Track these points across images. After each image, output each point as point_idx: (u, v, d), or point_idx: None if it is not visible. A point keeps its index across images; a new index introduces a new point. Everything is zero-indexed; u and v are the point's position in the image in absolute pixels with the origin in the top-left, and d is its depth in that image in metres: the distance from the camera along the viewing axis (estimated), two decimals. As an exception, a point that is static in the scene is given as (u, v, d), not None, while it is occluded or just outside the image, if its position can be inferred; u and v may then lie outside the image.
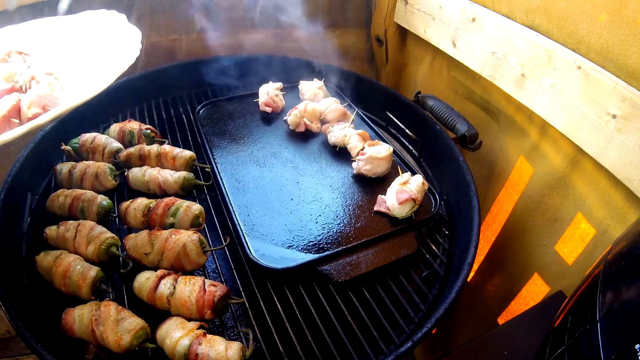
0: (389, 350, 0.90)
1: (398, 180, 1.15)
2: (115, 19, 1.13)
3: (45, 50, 1.13)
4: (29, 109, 0.86)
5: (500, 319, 1.60)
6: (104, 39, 1.08)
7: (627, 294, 0.58)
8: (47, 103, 0.88)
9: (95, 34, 1.11)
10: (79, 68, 1.04)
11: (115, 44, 1.04)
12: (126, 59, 0.92)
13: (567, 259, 1.29)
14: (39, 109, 0.86)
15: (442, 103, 1.47)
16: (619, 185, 1.09)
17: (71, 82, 1.02)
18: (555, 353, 0.65)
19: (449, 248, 1.17)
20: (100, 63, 0.98)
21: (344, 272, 0.99)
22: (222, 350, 0.81)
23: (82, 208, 1.10)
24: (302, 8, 1.93)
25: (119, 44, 1.02)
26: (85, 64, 1.04)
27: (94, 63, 1.01)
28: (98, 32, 1.11)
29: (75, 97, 0.82)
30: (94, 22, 1.14)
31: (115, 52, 0.99)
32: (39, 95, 0.88)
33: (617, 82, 1.03)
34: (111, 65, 0.92)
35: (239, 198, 1.18)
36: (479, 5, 1.43)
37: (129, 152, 1.30)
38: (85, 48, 1.09)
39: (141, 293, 0.95)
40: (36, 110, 0.86)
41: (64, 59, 1.09)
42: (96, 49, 1.07)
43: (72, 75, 1.03)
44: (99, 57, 1.02)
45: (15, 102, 0.87)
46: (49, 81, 0.97)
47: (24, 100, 0.87)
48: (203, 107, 1.54)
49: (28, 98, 0.87)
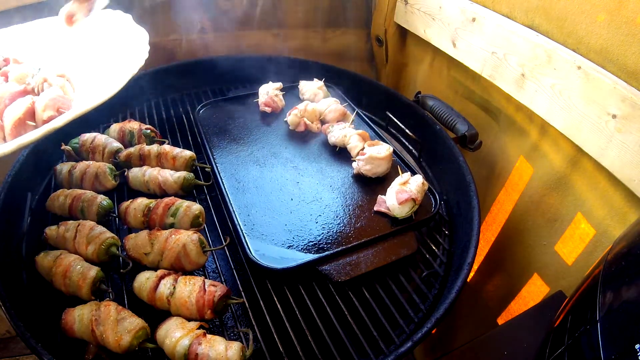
0: (389, 350, 0.90)
1: (398, 180, 1.15)
2: (121, 19, 1.13)
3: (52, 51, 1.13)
4: (43, 112, 0.86)
5: (500, 319, 1.60)
6: (111, 40, 1.08)
7: (627, 294, 0.58)
8: (61, 105, 0.88)
9: (103, 34, 1.11)
10: (89, 69, 1.04)
11: (123, 44, 1.03)
12: (136, 61, 0.93)
13: (566, 259, 1.29)
14: (53, 112, 0.86)
15: (442, 103, 1.47)
16: (619, 185, 1.09)
17: (82, 83, 1.02)
18: (555, 353, 0.65)
19: (449, 248, 1.17)
20: (110, 65, 0.98)
21: (344, 272, 0.99)
22: (222, 350, 0.81)
23: (82, 208, 1.11)
24: (302, 8, 1.93)
25: (128, 45, 1.02)
26: (95, 65, 1.04)
27: (104, 64, 1.01)
28: (105, 32, 1.11)
29: (89, 100, 0.82)
30: (100, 22, 1.14)
31: (124, 54, 0.99)
32: (52, 98, 0.88)
33: (617, 82, 1.03)
34: (122, 67, 0.92)
35: (239, 198, 1.18)
36: (479, 5, 1.43)
37: (129, 152, 1.30)
38: (93, 48, 1.09)
39: (141, 293, 0.95)
40: (51, 112, 0.86)
41: (74, 60, 1.09)
42: (105, 49, 1.06)
43: (83, 77, 1.03)
44: (108, 58, 1.02)
45: (30, 104, 0.87)
46: (60, 83, 0.97)
47: (38, 103, 0.87)
48: (203, 107, 1.54)
49: (42, 101, 0.87)
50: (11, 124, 0.86)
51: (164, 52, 1.82)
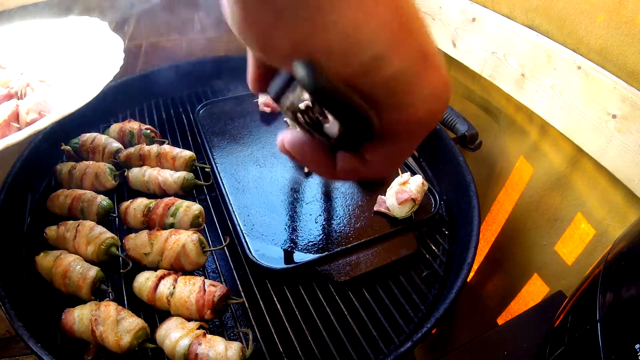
0: (389, 350, 0.90)
1: (398, 181, 1.15)
2: (97, 26, 1.20)
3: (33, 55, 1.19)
4: (27, 115, 0.94)
5: (499, 319, 1.60)
6: (88, 46, 1.15)
7: (627, 294, 0.58)
8: (43, 109, 0.96)
9: (80, 40, 1.18)
10: (66, 75, 1.11)
11: (99, 51, 1.11)
12: (111, 68, 1.01)
13: (566, 259, 1.29)
14: (36, 115, 0.94)
15: (442, 103, 1.46)
16: (618, 185, 1.09)
17: (61, 88, 1.09)
18: (555, 353, 0.65)
19: (449, 248, 1.17)
20: (87, 71, 1.06)
21: (343, 272, 0.99)
22: (221, 351, 0.81)
23: (82, 208, 1.11)
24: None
25: (103, 52, 1.10)
26: (73, 71, 1.11)
27: (81, 71, 1.09)
28: (82, 38, 1.19)
29: (68, 105, 0.90)
30: (77, 28, 1.21)
31: (100, 61, 1.07)
32: (36, 102, 0.95)
33: (617, 82, 1.03)
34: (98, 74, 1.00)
35: (239, 198, 1.18)
36: (479, 5, 1.43)
37: (129, 152, 1.30)
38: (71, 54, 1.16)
39: (141, 293, 0.95)
40: (34, 115, 0.94)
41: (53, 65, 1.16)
42: (82, 56, 1.14)
43: (61, 82, 1.11)
44: (85, 65, 1.10)
45: (15, 107, 0.94)
46: (43, 89, 1.04)
47: (22, 106, 0.95)
48: (203, 107, 1.54)
49: (26, 105, 0.95)
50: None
51: (164, 52, 1.82)
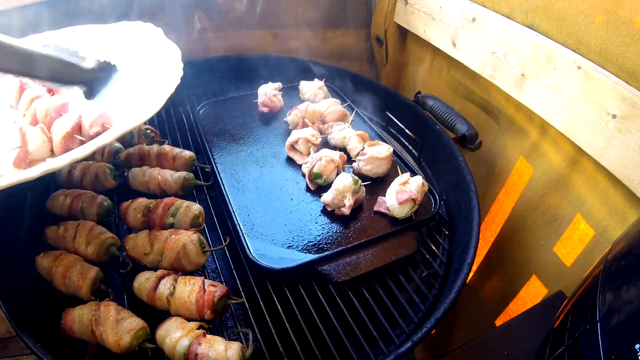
0: (389, 350, 0.90)
1: (398, 181, 1.15)
2: (152, 32, 1.17)
3: None
4: (90, 128, 0.92)
5: (498, 320, 1.60)
6: (144, 54, 1.13)
7: (627, 294, 0.58)
8: (105, 121, 0.94)
9: (136, 48, 1.16)
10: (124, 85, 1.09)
11: (157, 60, 1.08)
12: (172, 78, 0.98)
13: (565, 260, 1.29)
14: (99, 128, 0.92)
15: (442, 103, 1.46)
16: (618, 185, 1.09)
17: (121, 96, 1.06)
18: (555, 353, 0.65)
19: (449, 248, 1.17)
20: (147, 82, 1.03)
21: (343, 272, 0.99)
22: (221, 351, 0.81)
23: (82, 208, 1.11)
24: (302, 8, 1.93)
25: (162, 61, 1.07)
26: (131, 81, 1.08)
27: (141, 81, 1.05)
28: (137, 45, 1.16)
29: (129, 119, 0.88)
30: (131, 34, 1.19)
31: (159, 70, 1.04)
32: (100, 114, 0.93)
33: (617, 82, 1.03)
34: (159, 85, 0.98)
35: (239, 198, 1.18)
36: (479, 5, 1.43)
37: (129, 152, 1.30)
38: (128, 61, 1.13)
39: (141, 293, 0.95)
40: (97, 128, 0.92)
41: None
42: (139, 64, 1.11)
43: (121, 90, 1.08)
44: (144, 74, 1.07)
45: (77, 119, 0.92)
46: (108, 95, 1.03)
47: (85, 118, 0.93)
48: (203, 107, 1.54)
49: (89, 117, 0.93)
50: (60, 137, 0.91)
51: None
